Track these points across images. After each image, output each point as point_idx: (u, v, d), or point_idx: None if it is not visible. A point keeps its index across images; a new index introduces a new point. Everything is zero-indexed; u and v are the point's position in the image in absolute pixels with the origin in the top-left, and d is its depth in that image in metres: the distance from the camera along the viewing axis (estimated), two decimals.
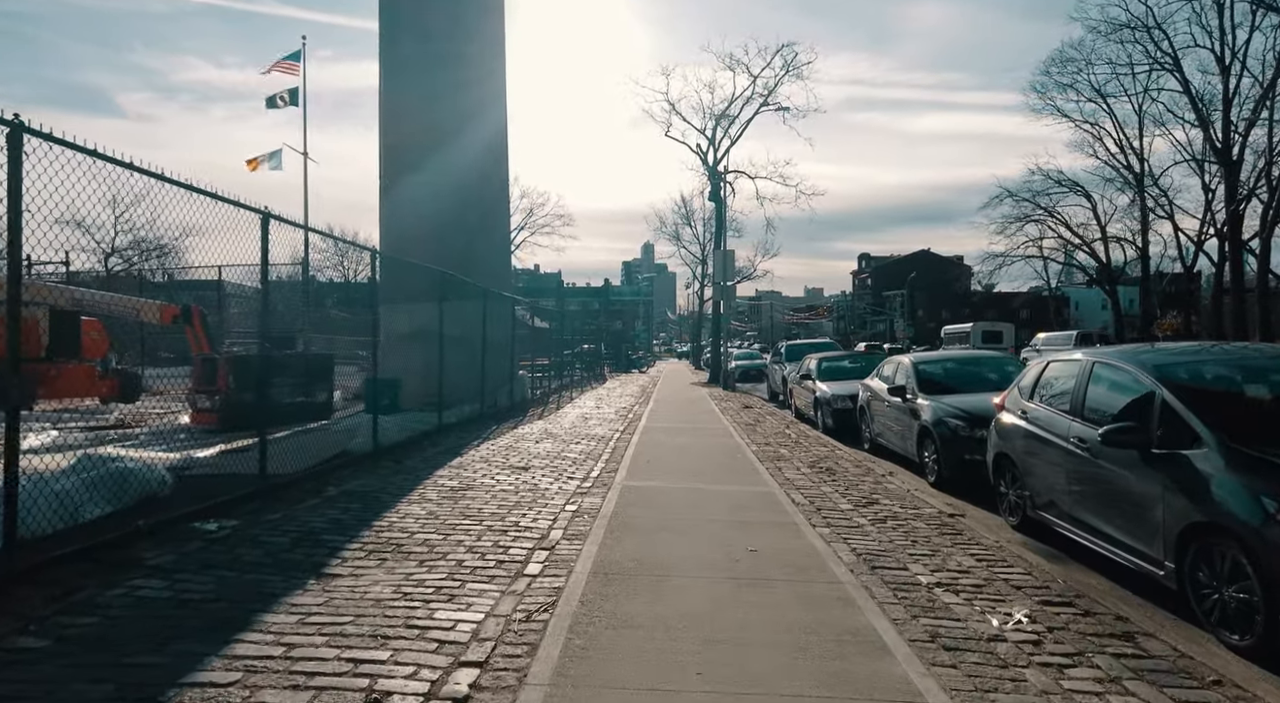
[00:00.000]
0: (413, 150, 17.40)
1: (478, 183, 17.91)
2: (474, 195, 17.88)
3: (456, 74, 17.52)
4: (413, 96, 17.47)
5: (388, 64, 17.91)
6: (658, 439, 12.64)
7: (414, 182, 17.43)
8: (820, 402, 14.34)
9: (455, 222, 17.34)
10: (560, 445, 11.57)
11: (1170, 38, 46.62)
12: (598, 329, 52.30)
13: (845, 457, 10.87)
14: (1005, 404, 7.24)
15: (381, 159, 18.05)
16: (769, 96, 32.20)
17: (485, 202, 18.29)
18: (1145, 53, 48.40)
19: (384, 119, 18.08)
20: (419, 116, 17.36)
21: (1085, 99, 55.10)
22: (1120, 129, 53.99)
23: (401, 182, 17.59)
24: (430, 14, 17.37)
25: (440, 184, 17.42)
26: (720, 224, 32.34)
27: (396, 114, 17.81)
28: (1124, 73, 51.52)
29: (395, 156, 17.70)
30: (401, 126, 17.66)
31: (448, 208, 17.39)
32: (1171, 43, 46.77)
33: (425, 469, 9.13)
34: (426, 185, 17.29)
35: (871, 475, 9.32)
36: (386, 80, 17.98)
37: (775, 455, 10.82)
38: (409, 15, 17.59)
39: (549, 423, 15.13)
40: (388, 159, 17.93)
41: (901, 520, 6.88)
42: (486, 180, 18.34)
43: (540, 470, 9.19)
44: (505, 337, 17.66)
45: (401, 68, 17.62)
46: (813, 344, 22.97)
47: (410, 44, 17.51)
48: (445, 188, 17.42)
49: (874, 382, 11.77)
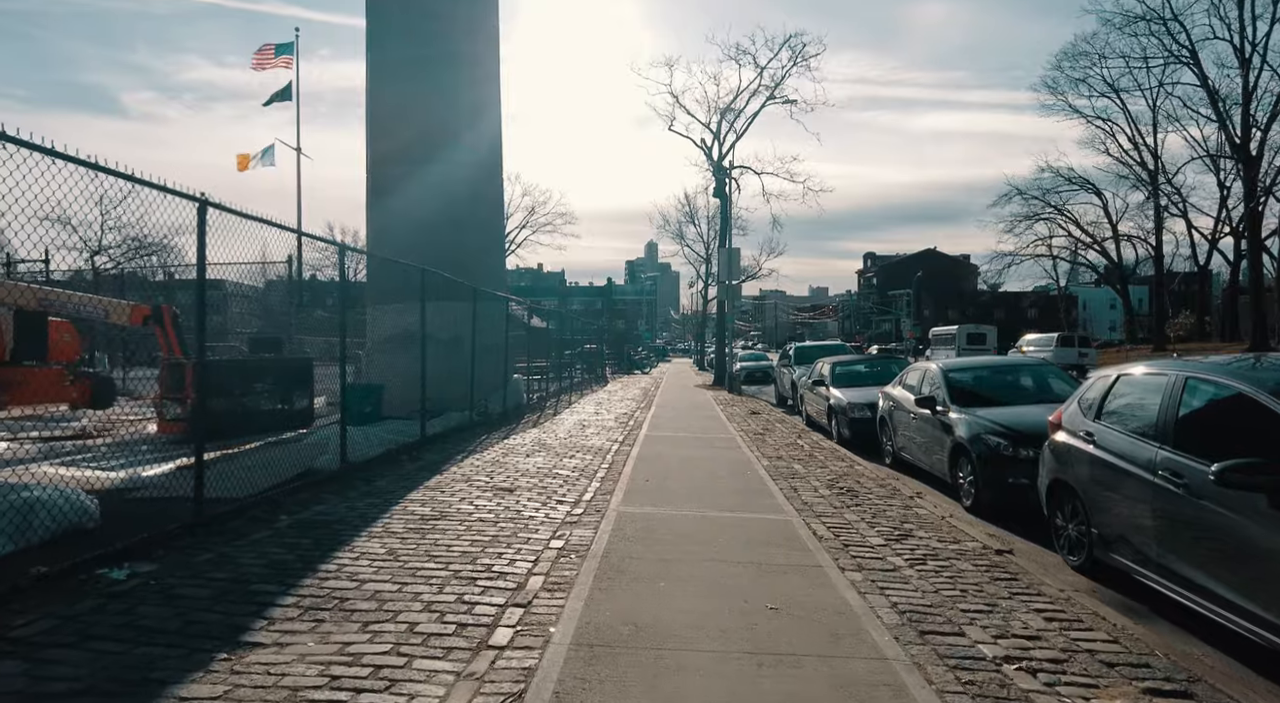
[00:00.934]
0: (401, 145, 16.42)
1: (470, 178, 16.91)
2: (465, 191, 16.88)
3: (447, 71, 16.53)
4: (401, 92, 16.49)
5: (375, 65, 16.92)
6: (660, 452, 11.63)
7: (402, 175, 16.45)
8: (835, 410, 13.31)
9: (445, 218, 16.36)
10: (553, 460, 10.57)
11: (1188, 30, 45.56)
12: (599, 329, 51.25)
13: (866, 474, 9.85)
14: (1063, 423, 6.22)
15: (369, 153, 17.06)
16: (775, 89, 31.18)
17: (478, 197, 17.29)
18: (1161, 46, 47.36)
19: (371, 116, 17.08)
20: (408, 108, 16.38)
21: (1098, 94, 54.09)
22: (1133, 125, 52.91)
23: (389, 175, 16.61)
24: (418, 10, 16.38)
25: (430, 180, 16.44)
26: (725, 221, 31.32)
27: (384, 106, 16.82)
28: (1138, 67, 50.46)
29: (382, 152, 16.72)
30: (390, 120, 16.67)
31: (437, 203, 16.40)
32: (1189, 35, 45.73)
33: (397, 491, 8.13)
34: (415, 180, 16.31)
35: (898, 498, 8.31)
36: (373, 81, 16.97)
37: (789, 472, 9.81)
38: (397, 14, 16.59)
39: (543, 432, 14.13)
40: (375, 150, 16.95)
41: (943, 560, 5.86)
42: (480, 176, 17.34)
43: (527, 492, 8.18)
44: (498, 339, 16.67)
45: (390, 71, 16.66)
46: (823, 346, 21.91)
47: (397, 44, 16.53)
48: (435, 183, 16.43)
49: (897, 391, 10.75)
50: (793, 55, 31.03)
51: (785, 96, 30.95)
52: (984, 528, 7.16)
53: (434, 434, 12.33)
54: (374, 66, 16.93)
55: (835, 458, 11.23)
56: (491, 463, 10.14)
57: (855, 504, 7.91)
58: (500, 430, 14.13)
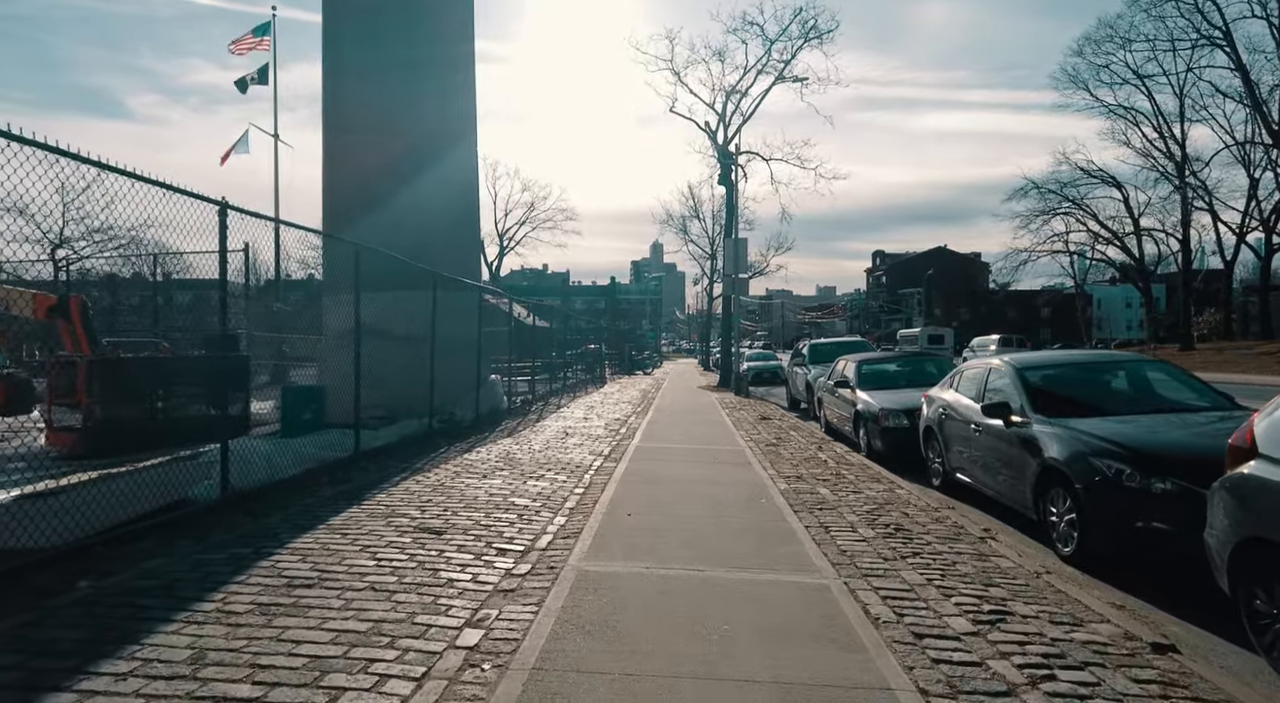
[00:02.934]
0: (361, 117, 14.30)
1: (438, 151, 14.77)
2: (433, 171, 14.74)
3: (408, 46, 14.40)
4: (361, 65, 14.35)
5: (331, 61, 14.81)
6: (651, 470, 9.44)
7: (360, 146, 14.32)
8: (864, 417, 11.09)
9: (408, 197, 14.23)
10: (514, 482, 8.38)
11: (1221, 8, 43.15)
12: (599, 328, 49.15)
13: (913, 501, 7.65)
14: (1259, 448, 4.00)
15: (324, 121, 14.93)
16: (785, 68, 28.92)
17: (448, 174, 15.14)
18: (1190, 26, 44.95)
19: (328, 95, 14.93)
20: (368, 75, 14.26)
21: (1120, 82, 51.71)
22: (1159, 113, 50.52)
23: (344, 145, 14.48)
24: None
25: (392, 149, 14.32)
26: (731, 210, 29.10)
27: (344, 83, 14.68)
28: (1165, 50, 48.08)
29: (340, 122, 14.58)
30: (349, 99, 14.53)
31: (399, 180, 14.27)
32: (1222, 14, 43.30)
33: (283, 534, 5.95)
34: (372, 151, 14.18)
35: (964, 540, 6.10)
36: (330, 54, 14.84)
37: (815, 500, 7.60)
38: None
39: (517, 442, 11.94)
40: (331, 119, 14.81)
41: (1077, 665, 3.65)
42: (450, 147, 15.19)
43: (461, 536, 6.00)
44: (468, 334, 14.50)
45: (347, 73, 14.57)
46: (841, 344, 19.65)
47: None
48: (396, 157, 14.31)
49: (948, 395, 8.53)
50: (803, 31, 28.80)
51: (795, 75, 28.71)
52: (1103, 594, 4.96)
53: (375, 448, 10.16)
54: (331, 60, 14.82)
55: (869, 478, 9.02)
56: (433, 488, 7.96)
57: (912, 554, 5.70)
58: (464, 442, 11.94)
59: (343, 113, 14.64)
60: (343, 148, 14.57)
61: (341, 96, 14.63)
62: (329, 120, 14.83)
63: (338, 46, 14.71)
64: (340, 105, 14.66)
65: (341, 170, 14.55)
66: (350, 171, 14.32)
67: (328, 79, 14.89)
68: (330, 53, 14.84)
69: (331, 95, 14.78)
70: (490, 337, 18.93)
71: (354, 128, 14.41)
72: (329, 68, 14.88)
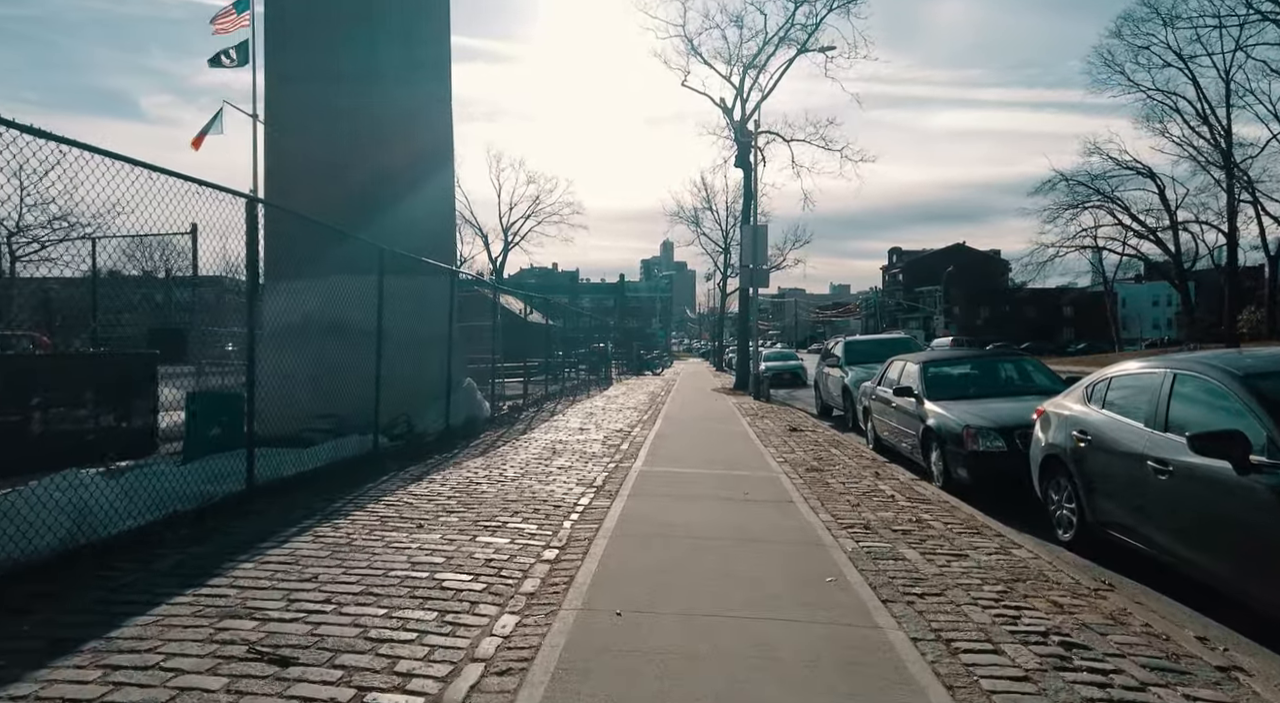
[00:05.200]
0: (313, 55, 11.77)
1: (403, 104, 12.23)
2: (398, 131, 12.21)
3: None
4: None
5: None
6: (657, 514, 6.84)
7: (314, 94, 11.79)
8: (939, 437, 8.43)
9: (366, 163, 11.71)
10: (459, 538, 5.80)
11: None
12: (606, 326, 46.59)
13: (1048, 572, 5.05)
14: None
15: (266, 64, 12.41)
16: (809, 38, 26.21)
17: (416, 137, 12.59)
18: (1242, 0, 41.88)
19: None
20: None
21: (1161, 64, 48.70)
22: (1203, 97, 47.43)
23: (289, 106, 11.96)
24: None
25: (349, 107, 11.79)
26: (749, 196, 26.44)
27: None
28: (1209, 28, 45.08)
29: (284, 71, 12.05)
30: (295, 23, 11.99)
31: (354, 139, 11.76)
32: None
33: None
34: (321, 103, 11.65)
35: (1200, 675, 3.48)
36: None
37: (907, 575, 4.99)
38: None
39: (488, 465, 9.38)
40: (274, 67, 12.29)
41: None
42: (419, 104, 12.64)
43: (319, 671, 3.41)
44: (436, 328, 11.94)
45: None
46: (882, 341, 16.92)
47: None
48: (351, 111, 11.78)
49: (1091, 412, 5.88)
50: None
51: (821, 45, 25.97)
52: None
53: (289, 478, 7.60)
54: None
55: (962, 526, 6.39)
56: (333, 550, 5.37)
57: (1100, 689, 3.08)
58: (421, 464, 9.38)
59: (288, 59, 12.12)
60: (288, 99, 12.05)
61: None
62: (271, 68, 12.31)
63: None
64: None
65: (286, 115, 12.03)
66: (295, 123, 11.80)
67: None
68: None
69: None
70: (471, 332, 16.38)
71: (300, 77, 11.89)
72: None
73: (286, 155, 11.87)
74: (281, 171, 11.95)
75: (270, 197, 11.82)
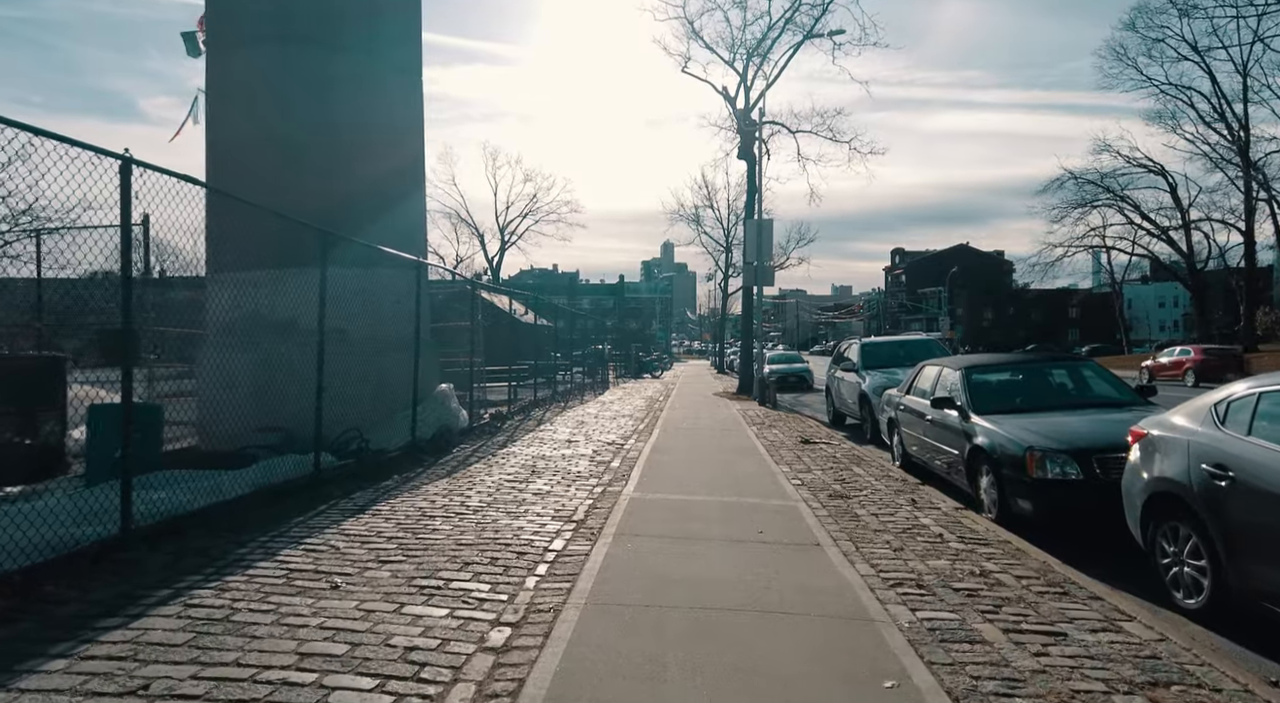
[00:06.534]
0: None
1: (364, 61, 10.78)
2: (363, 106, 10.78)
3: None
4: None
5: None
6: (650, 564, 5.37)
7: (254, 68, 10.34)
8: (990, 458, 6.94)
9: (320, 139, 10.28)
10: (377, 613, 4.32)
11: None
12: (604, 327, 45.12)
13: (1181, 657, 3.60)
14: None
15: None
16: (815, 23, 24.72)
17: (381, 112, 11.14)
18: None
19: None
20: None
21: (1176, 58, 47.25)
22: (1219, 93, 45.96)
23: (234, 75, 10.50)
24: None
25: (303, 76, 10.36)
26: (753, 189, 24.98)
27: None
28: (1227, 19, 43.70)
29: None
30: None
31: (308, 113, 10.32)
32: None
33: None
34: (271, 72, 10.20)
35: None
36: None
37: (991, 663, 3.52)
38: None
39: (450, 491, 7.90)
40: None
41: None
42: (384, 64, 11.18)
43: None
44: (400, 328, 10.48)
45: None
46: (903, 343, 15.38)
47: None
48: (305, 81, 10.35)
49: (1232, 440, 4.38)
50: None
51: (829, 29, 24.48)
52: None
53: (198, 511, 6.10)
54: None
55: (1050, 588, 4.90)
56: (189, 638, 3.88)
57: None
58: (369, 489, 7.90)
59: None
60: (233, 66, 10.61)
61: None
62: (214, 29, 10.86)
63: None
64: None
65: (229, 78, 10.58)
66: (240, 94, 10.35)
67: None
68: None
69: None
70: (449, 333, 14.92)
71: (245, 40, 10.44)
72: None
73: (230, 130, 10.42)
74: (225, 150, 10.50)
75: (214, 180, 10.37)
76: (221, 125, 10.65)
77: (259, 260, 9.43)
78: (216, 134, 10.65)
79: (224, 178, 10.14)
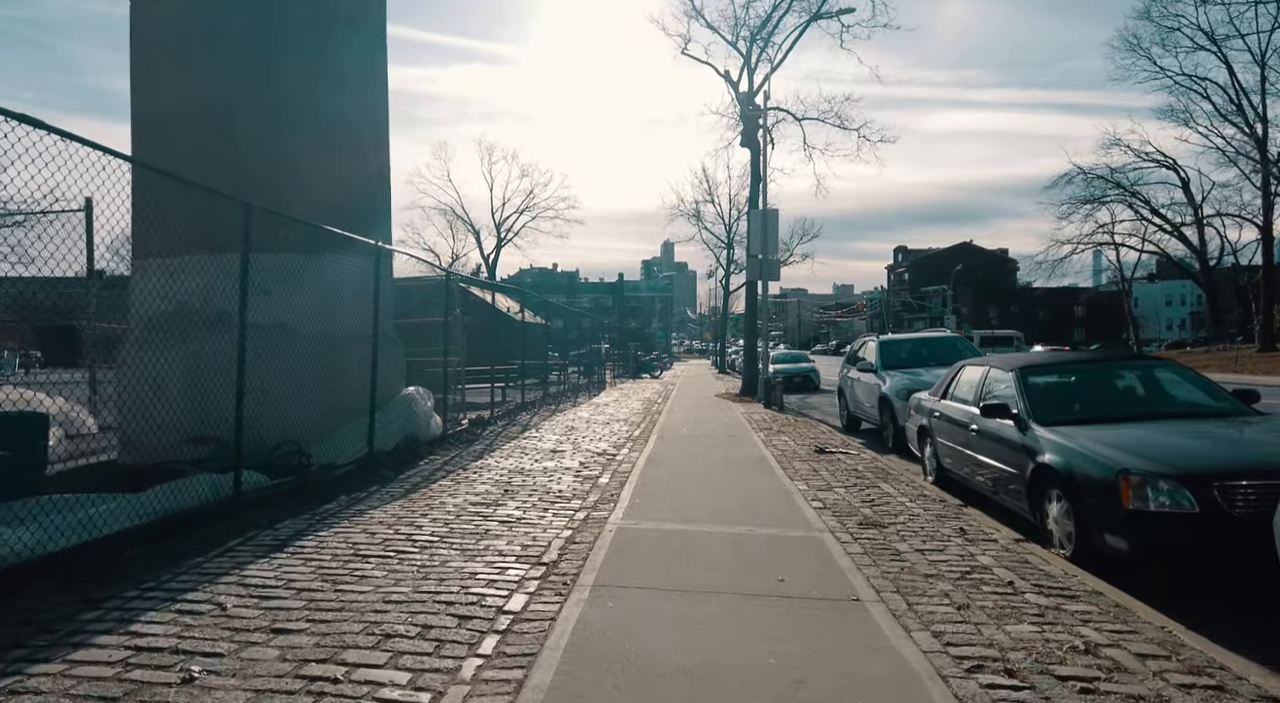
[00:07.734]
0: None
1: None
2: (309, 61, 9.41)
3: None
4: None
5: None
6: (637, 638, 3.99)
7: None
8: (1065, 481, 5.53)
9: (260, 103, 8.89)
10: None
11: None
12: (602, 326, 43.78)
13: None
14: None
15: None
16: (824, 2, 23.32)
17: (331, 70, 9.76)
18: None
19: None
20: None
21: (1192, 48, 45.88)
22: (1236, 84, 44.55)
23: (158, 24, 9.12)
24: None
25: (238, 29, 8.99)
26: (756, 178, 23.59)
27: None
28: (1246, 5, 42.29)
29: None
30: None
31: (243, 71, 8.95)
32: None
33: None
34: (200, 22, 8.83)
35: None
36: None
37: None
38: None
39: (402, 518, 6.52)
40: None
41: None
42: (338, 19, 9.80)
43: None
44: (354, 322, 9.10)
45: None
46: (925, 341, 13.95)
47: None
48: (240, 33, 8.98)
49: None
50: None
51: (838, 9, 23.07)
52: None
53: (52, 554, 4.72)
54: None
55: (1190, 676, 3.52)
56: None
57: None
58: (302, 516, 6.51)
59: None
60: (158, 14, 9.23)
61: None
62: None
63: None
64: None
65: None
66: (168, 47, 8.97)
67: None
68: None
69: None
70: (427, 330, 13.56)
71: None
72: None
73: (155, 93, 9.04)
74: (151, 116, 9.13)
75: (140, 153, 9.00)
76: (147, 89, 9.27)
77: (186, 245, 8.06)
78: (143, 101, 9.26)
79: (154, 152, 8.78)
